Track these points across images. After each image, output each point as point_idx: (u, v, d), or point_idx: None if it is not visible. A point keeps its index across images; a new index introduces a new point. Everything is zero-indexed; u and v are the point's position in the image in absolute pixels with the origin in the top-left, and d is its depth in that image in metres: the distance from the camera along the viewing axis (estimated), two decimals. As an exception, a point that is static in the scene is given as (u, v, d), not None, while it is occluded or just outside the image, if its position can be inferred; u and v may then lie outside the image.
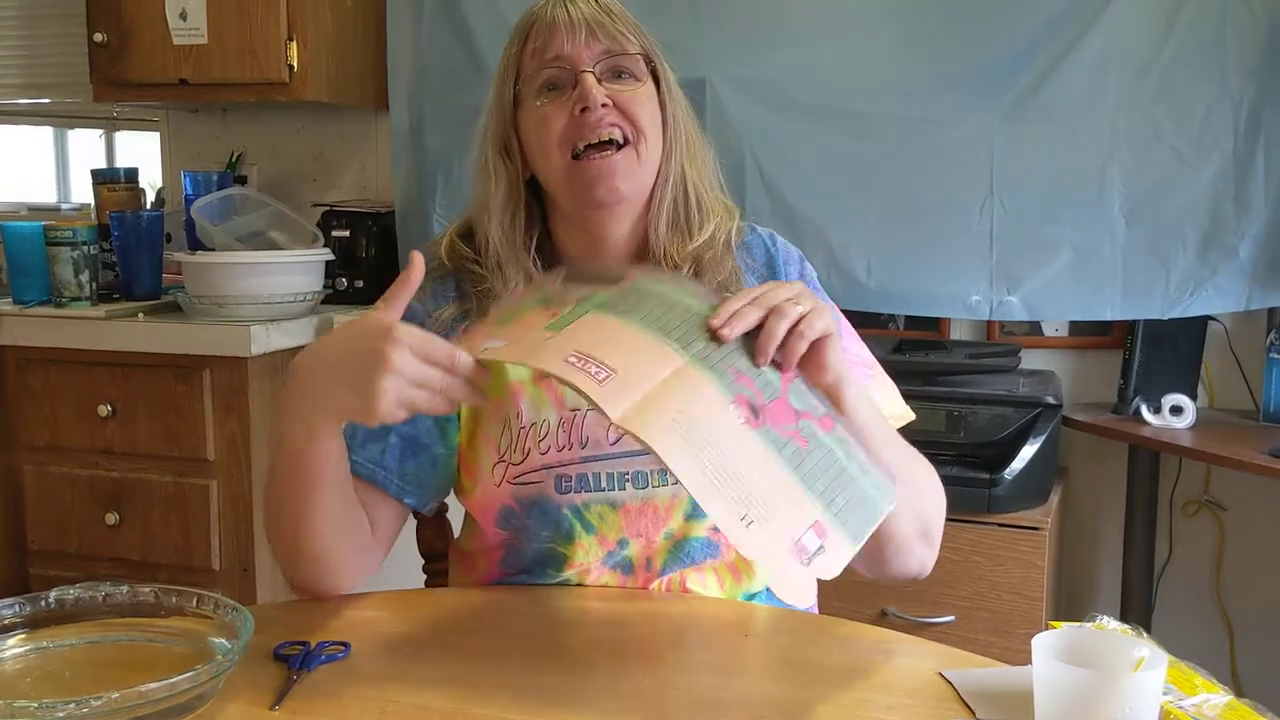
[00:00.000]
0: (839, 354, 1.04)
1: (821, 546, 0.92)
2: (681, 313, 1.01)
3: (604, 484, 1.21)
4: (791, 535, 0.91)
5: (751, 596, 1.27)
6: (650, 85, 1.25)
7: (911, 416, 1.33)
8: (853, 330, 1.34)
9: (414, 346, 0.98)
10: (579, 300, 1.04)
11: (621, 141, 1.21)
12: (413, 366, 0.98)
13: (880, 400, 1.30)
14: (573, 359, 0.94)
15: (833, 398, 1.04)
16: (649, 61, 1.25)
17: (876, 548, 1.12)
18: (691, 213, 1.27)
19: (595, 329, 0.99)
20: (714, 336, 0.99)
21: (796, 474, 0.94)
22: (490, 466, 1.23)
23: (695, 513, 1.22)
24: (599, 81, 1.21)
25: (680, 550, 1.24)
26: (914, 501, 1.17)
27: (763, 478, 0.92)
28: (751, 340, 1.01)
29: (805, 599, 0.93)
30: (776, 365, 1.01)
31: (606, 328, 0.99)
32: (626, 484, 1.22)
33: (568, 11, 1.23)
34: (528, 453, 1.22)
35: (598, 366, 0.93)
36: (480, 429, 1.25)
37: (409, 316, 1.29)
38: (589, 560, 1.23)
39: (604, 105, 1.20)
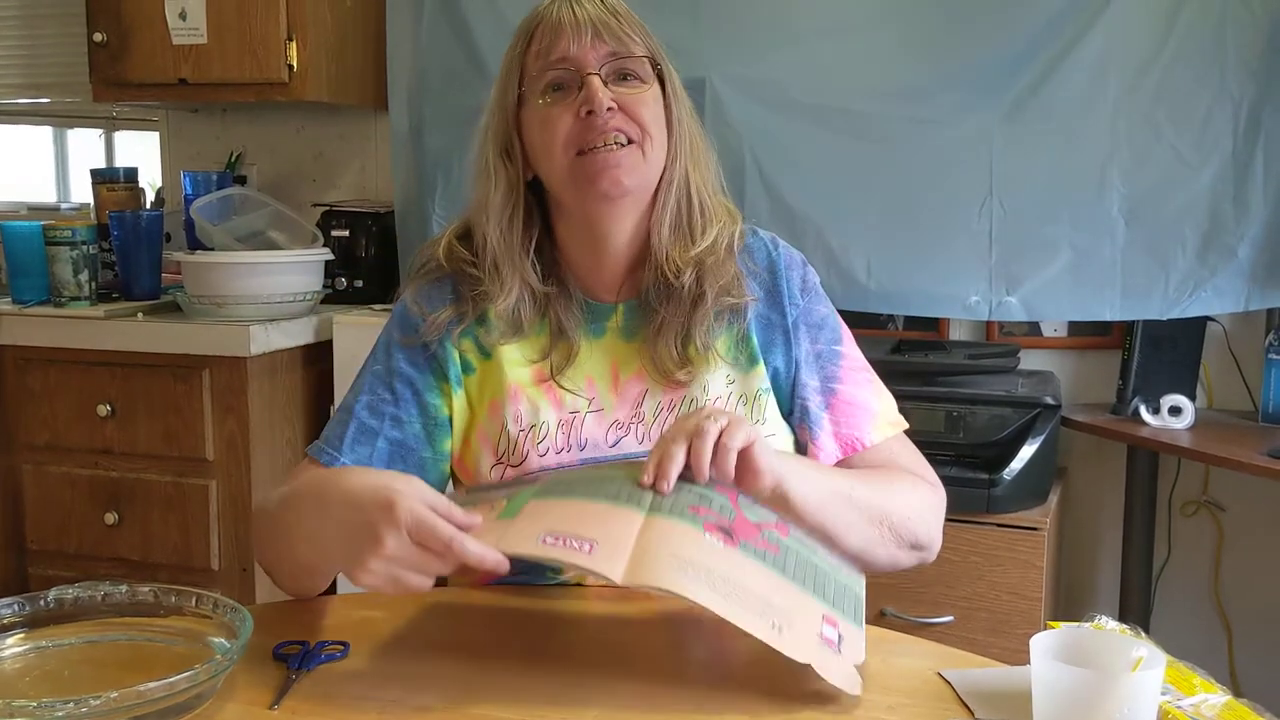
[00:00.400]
0: (768, 456, 1.06)
1: (840, 635, 0.98)
2: (614, 481, 1.05)
3: None
4: (814, 631, 0.96)
5: None
6: (656, 88, 1.24)
7: (905, 425, 1.33)
8: (850, 336, 1.34)
9: (412, 530, 0.95)
10: (509, 496, 1.05)
11: (626, 141, 1.20)
12: (405, 551, 0.95)
13: (877, 408, 1.30)
14: (549, 539, 0.95)
15: (778, 495, 1.07)
16: (655, 64, 1.24)
17: (863, 567, 1.14)
18: (695, 216, 1.26)
19: (550, 511, 1.00)
20: (655, 490, 1.03)
21: (785, 577, 0.99)
22: (488, 468, 1.24)
23: None
24: (605, 84, 1.20)
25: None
26: (890, 531, 1.21)
27: (764, 587, 0.96)
28: (711, 484, 1.05)
29: (858, 685, 0.95)
30: (714, 482, 1.04)
31: (560, 508, 1.01)
32: None
33: (573, 12, 1.21)
34: (526, 455, 1.22)
35: (578, 541, 0.95)
36: (477, 429, 1.26)
37: (404, 319, 1.29)
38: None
39: (610, 109, 1.19)
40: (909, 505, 1.24)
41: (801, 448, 1.29)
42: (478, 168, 1.28)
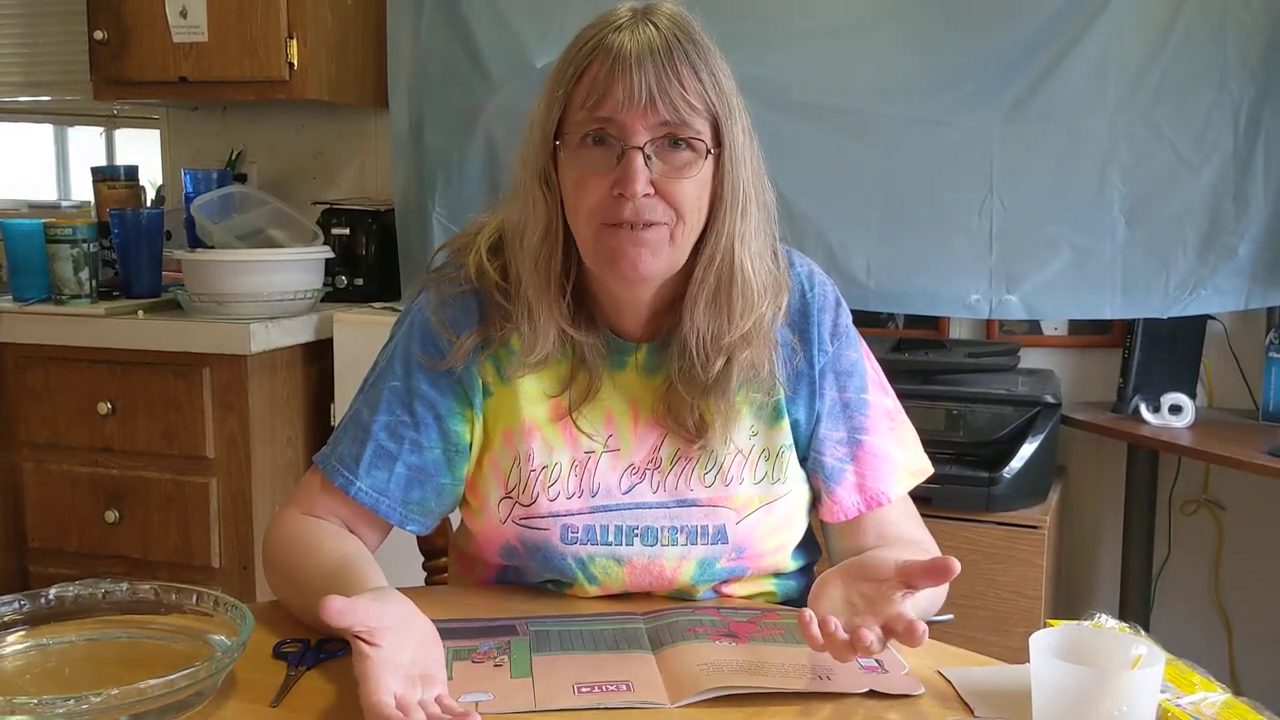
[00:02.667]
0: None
1: (877, 660, 1.03)
2: (604, 634, 1.10)
3: (611, 537, 1.19)
4: (854, 668, 1.01)
5: None
6: (708, 162, 1.11)
7: (930, 470, 1.30)
8: (880, 379, 1.29)
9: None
10: (498, 648, 1.05)
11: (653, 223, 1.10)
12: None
13: (899, 458, 1.26)
14: (582, 689, 0.97)
15: None
16: (715, 128, 1.11)
17: None
18: (735, 296, 1.15)
19: (564, 665, 1.02)
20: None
21: (798, 645, 1.04)
22: (497, 500, 1.20)
23: (702, 577, 1.21)
24: (648, 158, 1.08)
25: (682, 600, 1.22)
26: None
27: (791, 658, 1.03)
28: (686, 607, 1.12)
29: (919, 685, 0.99)
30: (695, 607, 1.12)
31: (571, 662, 1.03)
32: (635, 539, 1.19)
33: (632, 63, 1.07)
34: (536, 497, 1.18)
35: (612, 684, 0.98)
36: (489, 455, 1.21)
37: (426, 334, 1.21)
38: (588, 598, 1.23)
39: (646, 194, 1.08)
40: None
41: (815, 495, 1.26)
42: (514, 185, 1.18)
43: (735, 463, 1.20)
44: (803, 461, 1.25)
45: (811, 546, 1.33)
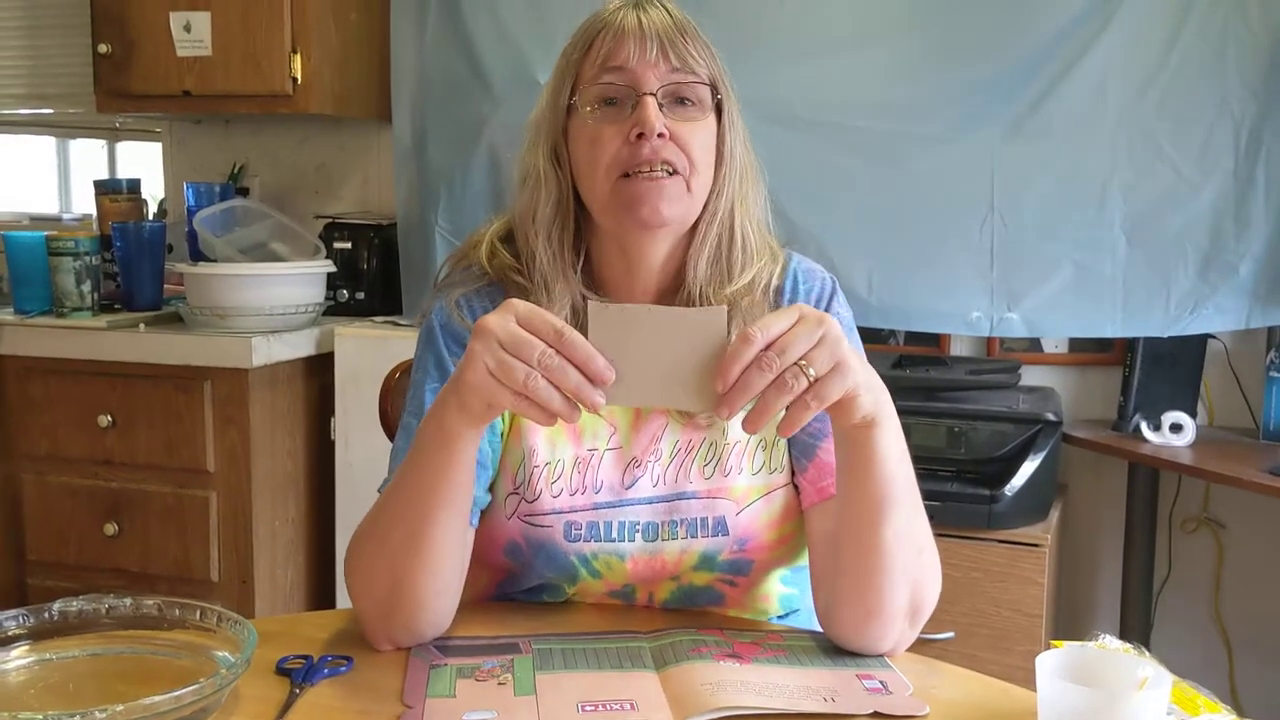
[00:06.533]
0: (868, 402, 1.00)
1: (880, 681, 1.04)
2: (607, 653, 1.09)
3: (614, 534, 1.19)
4: (859, 689, 1.02)
5: None
6: (712, 118, 1.19)
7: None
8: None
9: (522, 321, 0.94)
10: (501, 666, 1.05)
11: (671, 171, 1.15)
12: (504, 357, 0.93)
13: None
14: (587, 707, 0.97)
15: (860, 438, 1.03)
16: (715, 91, 1.19)
17: (865, 617, 1.09)
18: (735, 254, 1.22)
19: (568, 683, 1.02)
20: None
21: (804, 666, 1.06)
22: (504, 495, 1.20)
23: (703, 565, 1.21)
24: (660, 108, 1.14)
25: (684, 595, 1.23)
26: (916, 571, 1.12)
27: (795, 679, 1.03)
28: (690, 626, 1.13)
29: (923, 706, 0.98)
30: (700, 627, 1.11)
31: (575, 680, 1.02)
32: (636, 535, 1.19)
33: (640, 20, 1.16)
34: (539, 494, 1.18)
35: (616, 703, 0.98)
36: (506, 452, 1.21)
37: (458, 333, 1.20)
38: (591, 596, 1.23)
39: (661, 135, 1.13)
40: (931, 559, 1.16)
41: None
42: (524, 168, 1.23)
43: (734, 452, 1.21)
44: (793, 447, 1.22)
45: None
